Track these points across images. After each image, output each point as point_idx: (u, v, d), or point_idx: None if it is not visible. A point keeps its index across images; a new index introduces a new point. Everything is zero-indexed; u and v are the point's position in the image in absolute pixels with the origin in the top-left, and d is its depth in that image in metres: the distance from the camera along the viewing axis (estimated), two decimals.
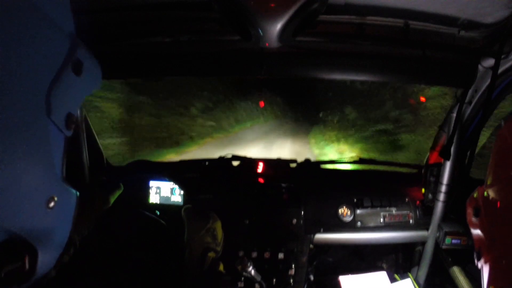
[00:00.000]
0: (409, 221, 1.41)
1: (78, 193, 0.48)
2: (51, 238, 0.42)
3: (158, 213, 1.38)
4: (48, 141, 0.41)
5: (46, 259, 0.41)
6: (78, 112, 1.11)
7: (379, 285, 1.33)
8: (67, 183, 0.46)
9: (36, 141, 0.39)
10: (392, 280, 1.37)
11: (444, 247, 1.27)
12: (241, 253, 1.30)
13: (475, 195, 0.76)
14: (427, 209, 1.39)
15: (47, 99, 0.40)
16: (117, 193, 1.18)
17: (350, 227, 1.41)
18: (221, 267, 0.97)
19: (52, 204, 0.41)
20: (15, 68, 0.35)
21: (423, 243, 1.43)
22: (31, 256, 0.38)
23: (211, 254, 0.96)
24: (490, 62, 1.03)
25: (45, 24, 0.40)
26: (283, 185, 1.46)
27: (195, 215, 1.06)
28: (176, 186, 1.44)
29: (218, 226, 1.07)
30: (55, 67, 0.42)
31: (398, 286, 1.33)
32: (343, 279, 1.36)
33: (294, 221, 1.36)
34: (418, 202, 1.43)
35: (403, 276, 1.43)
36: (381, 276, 1.37)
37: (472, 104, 1.17)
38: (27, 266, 0.37)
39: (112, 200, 1.14)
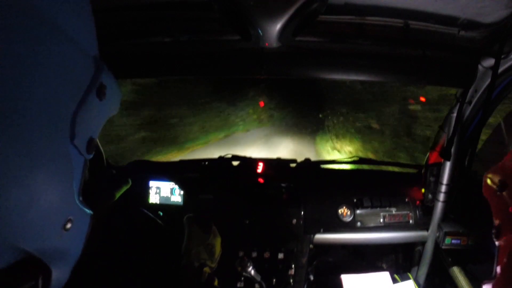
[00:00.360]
0: (409, 221, 1.41)
1: (92, 212, 0.49)
2: (65, 258, 0.43)
3: (161, 213, 1.38)
4: (69, 164, 0.41)
5: (59, 278, 0.41)
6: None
7: (381, 286, 1.33)
8: (84, 204, 0.46)
9: (58, 164, 0.39)
10: (394, 281, 1.37)
11: (444, 247, 1.27)
12: (241, 253, 1.30)
13: (496, 168, 0.71)
14: (427, 209, 1.38)
15: (71, 124, 0.41)
16: (124, 188, 1.18)
17: (350, 227, 1.41)
18: (216, 282, 0.97)
19: (68, 226, 0.42)
20: (40, 91, 0.35)
21: (423, 243, 1.43)
22: (45, 275, 0.38)
23: (207, 270, 0.96)
24: (490, 62, 1.03)
25: (71, 49, 0.40)
26: (283, 185, 1.46)
27: (196, 227, 1.06)
28: (176, 186, 1.44)
29: (218, 242, 1.07)
30: (80, 92, 0.42)
31: (400, 287, 1.33)
32: (345, 278, 1.36)
33: (294, 221, 1.36)
34: (418, 202, 1.43)
35: (403, 276, 1.43)
36: (383, 277, 1.37)
37: (472, 104, 1.17)
38: (40, 285, 0.38)
39: (117, 195, 1.13)
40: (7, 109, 0.31)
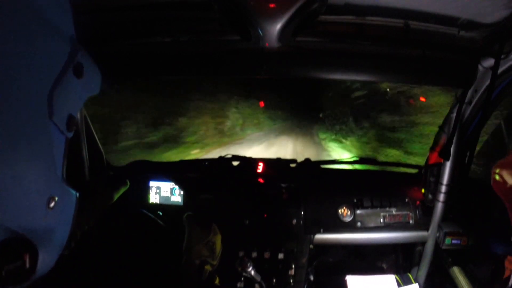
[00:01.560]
0: (409, 222, 1.41)
1: (78, 194, 0.49)
2: (51, 238, 0.43)
3: (160, 213, 1.38)
4: (49, 142, 0.42)
5: (46, 259, 0.41)
6: (79, 114, 1.12)
7: None
8: (68, 184, 0.46)
9: (38, 142, 0.40)
10: (399, 284, 1.36)
11: (444, 247, 1.27)
12: (241, 253, 1.30)
13: (507, 166, 0.66)
14: (427, 209, 1.38)
15: (49, 101, 0.41)
16: (122, 190, 1.18)
17: (350, 227, 1.41)
18: (217, 281, 0.97)
19: (52, 204, 0.42)
20: (16, 70, 0.36)
21: (423, 243, 1.43)
22: (32, 255, 0.38)
23: (208, 267, 0.96)
24: (490, 62, 1.03)
25: (46, 28, 0.40)
26: (283, 185, 1.46)
27: (196, 224, 1.06)
28: (176, 186, 1.44)
29: (218, 239, 1.07)
30: (56, 70, 0.43)
31: None
32: (350, 279, 1.35)
33: (294, 221, 1.36)
34: (418, 202, 1.43)
35: (403, 276, 1.43)
36: (389, 279, 1.36)
37: (472, 104, 1.17)
38: (27, 265, 0.38)
39: (116, 196, 1.14)
40: None
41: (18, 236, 0.36)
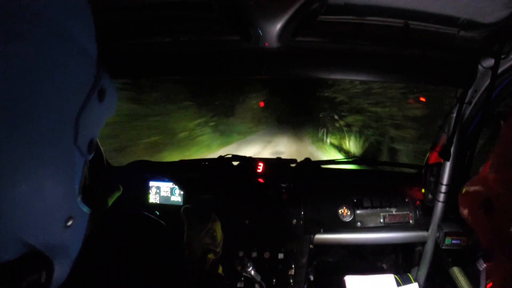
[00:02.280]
0: (409, 222, 1.41)
1: (90, 211, 0.51)
2: (65, 253, 0.45)
3: (157, 213, 1.38)
4: (71, 164, 0.43)
5: (60, 273, 0.43)
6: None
7: None
8: (83, 203, 0.48)
9: (61, 163, 0.41)
10: (398, 284, 1.36)
11: (444, 247, 1.27)
12: (241, 253, 1.30)
13: (474, 186, 0.64)
14: (427, 209, 1.38)
15: (75, 126, 0.42)
16: (116, 195, 1.18)
17: (350, 227, 1.41)
18: (220, 270, 0.97)
19: (70, 223, 0.44)
20: (48, 94, 0.37)
21: (423, 243, 1.43)
22: (48, 269, 0.40)
23: (211, 256, 0.96)
24: (490, 62, 1.03)
25: (74, 51, 0.41)
26: (283, 185, 1.46)
27: (194, 215, 1.06)
28: (176, 186, 1.44)
29: (218, 226, 1.07)
30: (83, 95, 0.44)
31: None
32: (349, 279, 1.35)
33: (294, 221, 1.36)
34: (418, 202, 1.43)
35: (403, 276, 1.43)
36: (388, 279, 1.36)
37: (472, 104, 1.17)
38: (43, 279, 0.39)
39: (110, 201, 1.14)
40: (18, 110, 0.33)
41: (37, 251, 0.38)
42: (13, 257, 0.35)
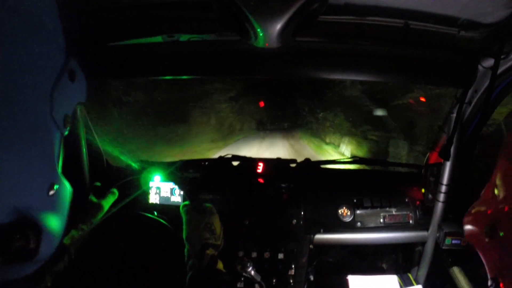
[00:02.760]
0: (409, 221, 1.41)
1: (72, 189, 0.55)
2: (51, 222, 0.49)
3: (155, 213, 1.38)
4: (49, 137, 0.49)
5: (47, 242, 0.47)
6: (78, 113, 1.16)
7: None
8: (64, 177, 0.53)
9: (39, 136, 0.46)
10: (401, 285, 1.36)
11: (444, 247, 1.27)
12: (241, 253, 1.30)
13: (478, 209, 0.62)
14: (427, 209, 1.38)
15: (50, 99, 0.48)
16: (111, 199, 1.19)
17: (350, 227, 1.41)
18: (220, 265, 0.97)
19: (52, 192, 0.48)
20: (17, 70, 0.41)
21: (423, 243, 1.43)
22: (35, 235, 0.43)
23: (210, 251, 0.97)
24: (490, 62, 1.03)
25: (41, 33, 0.46)
26: (283, 185, 1.46)
27: (192, 211, 1.07)
28: (176, 186, 1.44)
29: (216, 219, 1.08)
30: (53, 73, 0.50)
31: None
32: (352, 279, 1.35)
33: (294, 221, 1.35)
34: (418, 202, 1.43)
35: (403, 276, 1.43)
36: (390, 280, 1.36)
37: (472, 104, 1.17)
38: (31, 244, 0.42)
39: (106, 206, 1.15)
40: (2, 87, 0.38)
41: (23, 217, 0.42)
42: (1, 223, 0.38)
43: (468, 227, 0.62)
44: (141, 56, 1.09)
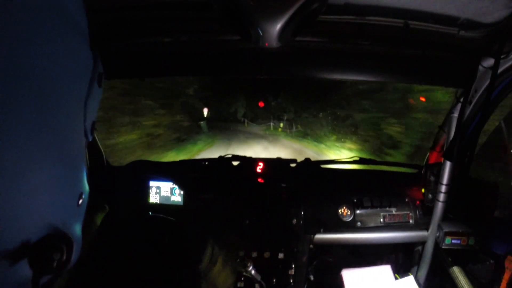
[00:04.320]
0: (409, 221, 1.41)
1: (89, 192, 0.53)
2: (78, 232, 0.48)
3: (150, 213, 1.38)
4: (79, 146, 0.47)
5: (76, 250, 0.46)
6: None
7: (382, 282, 1.32)
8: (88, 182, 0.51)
9: (72, 146, 0.44)
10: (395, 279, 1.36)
11: (444, 247, 1.27)
12: (241, 253, 1.30)
13: None
14: (427, 209, 1.38)
15: (84, 109, 0.46)
16: (102, 215, 1.19)
17: (350, 227, 1.41)
18: (219, 265, 0.95)
19: (80, 201, 0.47)
20: (57, 81, 0.40)
21: (423, 243, 1.43)
22: (68, 247, 0.43)
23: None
24: (490, 62, 1.03)
25: (73, 33, 0.44)
26: (283, 185, 1.46)
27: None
28: (176, 186, 1.44)
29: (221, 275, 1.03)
30: (87, 79, 0.47)
31: (401, 283, 1.32)
32: (346, 274, 1.34)
33: (294, 221, 1.36)
34: (418, 202, 1.43)
35: (403, 276, 1.43)
36: (385, 270, 1.35)
37: (472, 104, 1.17)
38: (65, 256, 0.42)
39: (98, 221, 1.15)
40: (41, 95, 0.36)
41: (58, 231, 0.41)
42: (38, 238, 0.37)
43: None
44: (140, 55, 1.09)
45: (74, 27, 0.43)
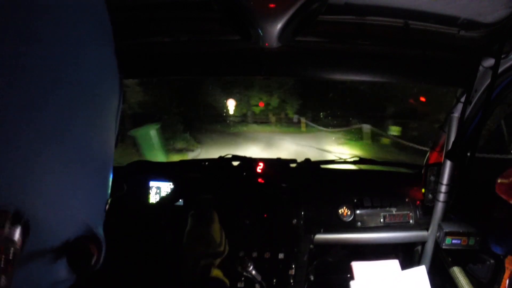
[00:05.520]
0: (409, 221, 1.41)
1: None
2: (102, 233, 0.48)
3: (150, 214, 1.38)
4: (110, 146, 0.47)
5: (103, 252, 0.46)
6: None
7: (391, 273, 1.31)
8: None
9: (103, 146, 0.44)
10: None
11: (444, 247, 1.27)
12: (241, 253, 1.30)
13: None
14: (427, 209, 1.38)
15: (115, 119, 0.46)
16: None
17: (350, 227, 1.41)
18: (217, 272, 0.94)
19: (107, 207, 0.47)
20: (100, 95, 0.40)
21: (423, 243, 1.43)
22: (99, 249, 0.43)
23: (204, 262, 0.93)
24: (490, 62, 1.03)
25: (106, 38, 0.46)
26: (283, 185, 1.46)
27: (195, 222, 1.03)
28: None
29: (214, 228, 1.03)
30: (119, 89, 0.47)
31: (411, 273, 1.31)
32: (356, 265, 1.34)
33: (294, 221, 1.35)
34: (418, 202, 1.43)
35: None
36: (393, 264, 1.35)
37: (472, 104, 1.17)
38: (95, 258, 0.42)
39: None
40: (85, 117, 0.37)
41: (91, 232, 0.42)
42: (75, 238, 0.38)
43: (500, 190, 0.66)
44: (140, 56, 1.09)
45: (99, 26, 0.43)
